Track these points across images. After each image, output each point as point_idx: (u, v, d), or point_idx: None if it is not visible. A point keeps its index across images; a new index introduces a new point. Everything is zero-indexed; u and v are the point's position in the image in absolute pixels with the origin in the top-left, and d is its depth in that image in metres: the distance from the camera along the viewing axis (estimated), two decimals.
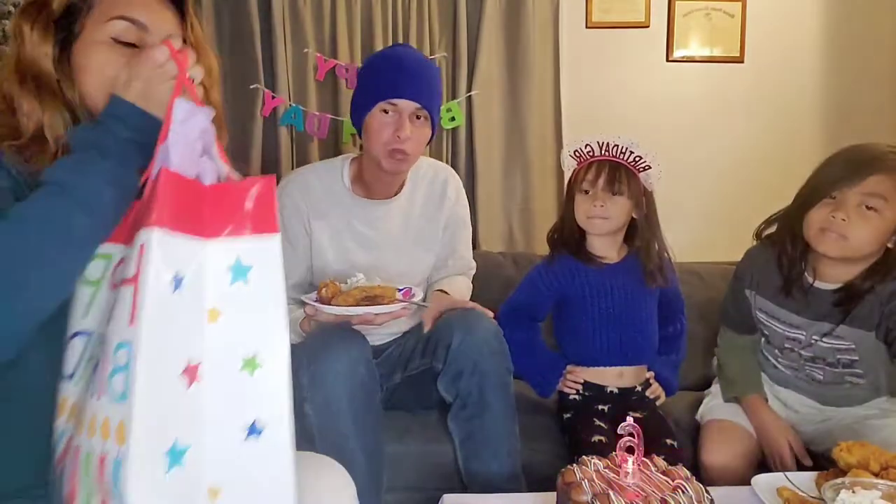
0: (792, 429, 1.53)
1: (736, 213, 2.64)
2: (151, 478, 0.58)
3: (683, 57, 2.64)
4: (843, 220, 1.33)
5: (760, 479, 1.21)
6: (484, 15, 2.46)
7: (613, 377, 1.66)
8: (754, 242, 1.59)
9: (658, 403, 1.67)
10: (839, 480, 1.10)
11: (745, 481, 1.25)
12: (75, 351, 0.71)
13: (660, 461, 1.09)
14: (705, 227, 2.65)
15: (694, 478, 1.06)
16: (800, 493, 1.15)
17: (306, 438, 1.43)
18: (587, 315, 1.66)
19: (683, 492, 1.00)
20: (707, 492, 1.04)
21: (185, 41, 0.89)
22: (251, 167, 2.37)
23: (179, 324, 0.63)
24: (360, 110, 1.59)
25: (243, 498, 0.62)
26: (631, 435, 1.05)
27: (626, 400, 1.64)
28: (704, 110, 2.66)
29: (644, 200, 1.63)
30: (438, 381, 1.53)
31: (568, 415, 1.65)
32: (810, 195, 1.41)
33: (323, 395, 1.40)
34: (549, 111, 2.55)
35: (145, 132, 0.77)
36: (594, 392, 1.65)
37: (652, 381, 1.69)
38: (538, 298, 1.71)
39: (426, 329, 1.60)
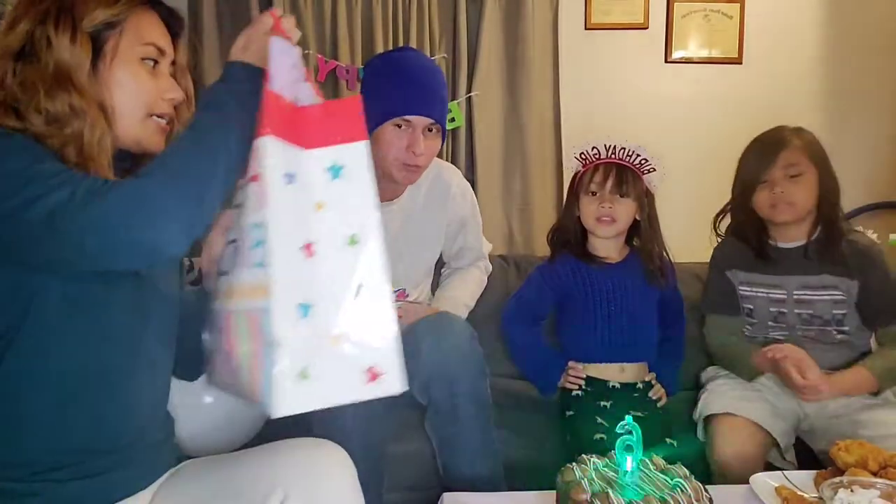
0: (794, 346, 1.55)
1: None
2: (291, 323, 0.75)
3: (682, 58, 2.64)
4: (783, 191, 1.59)
5: (759, 478, 1.21)
6: (484, 16, 2.46)
7: (615, 372, 1.68)
8: (711, 234, 1.80)
9: (660, 405, 1.68)
10: (837, 479, 1.10)
11: (758, 468, 1.37)
12: (233, 251, 0.87)
13: (659, 460, 1.10)
14: (703, 228, 2.64)
15: (693, 476, 1.06)
16: (798, 492, 1.15)
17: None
18: (589, 313, 1.69)
19: (682, 490, 1.01)
20: (706, 490, 1.05)
21: (174, 63, 1.02)
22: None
23: (295, 210, 0.80)
24: (369, 120, 1.58)
25: (359, 342, 0.78)
26: (630, 434, 1.05)
27: (628, 396, 1.65)
28: (703, 111, 2.67)
29: (646, 202, 1.68)
30: (412, 386, 1.52)
31: (570, 412, 1.65)
32: (746, 187, 1.65)
33: None
34: (549, 112, 2.56)
35: (253, 88, 0.91)
36: (596, 387, 1.66)
37: (654, 382, 1.70)
38: (540, 297, 1.75)
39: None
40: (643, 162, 1.65)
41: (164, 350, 1.04)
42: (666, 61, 2.65)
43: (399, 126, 1.55)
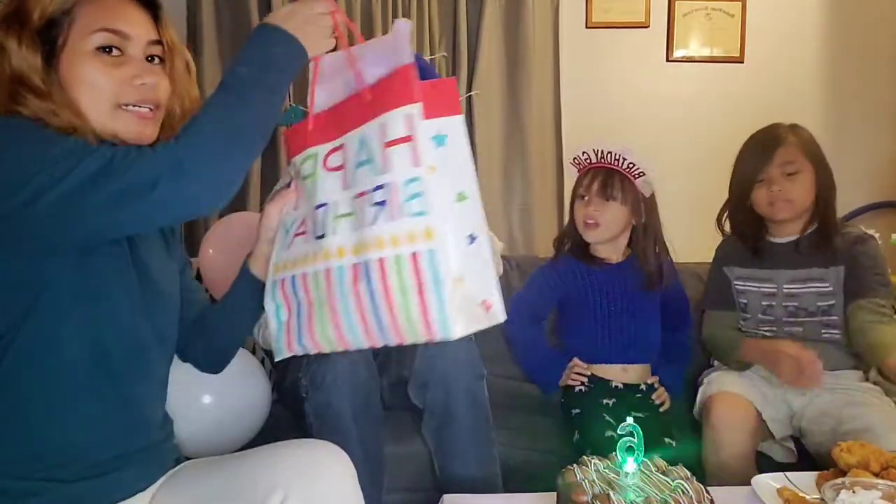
0: (791, 342, 1.58)
1: None
2: (453, 259, 0.86)
3: (683, 57, 2.64)
4: (780, 189, 1.61)
5: (760, 479, 1.21)
6: (484, 15, 2.46)
7: (618, 372, 1.69)
8: (716, 231, 1.81)
9: (662, 409, 1.68)
10: (839, 480, 1.10)
11: (751, 445, 1.47)
12: (322, 216, 0.95)
13: (660, 462, 1.10)
14: (704, 228, 2.64)
15: (694, 478, 1.06)
16: (800, 493, 1.15)
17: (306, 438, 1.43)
18: (590, 314, 1.71)
19: (683, 492, 1.00)
20: (707, 492, 1.04)
21: (161, 42, 0.95)
22: (251, 167, 2.37)
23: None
24: None
25: (473, 285, 0.88)
26: (631, 435, 1.05)
27: (631, 396, 1.66)
28: (704, 110, 2.66)
29: (642, 207, 1.69)
30: (408, 390, 1.52)
31: (576, 410, 1.65)
32: (743, 185, 1.66)
33: (323, 395, 1.40)
34: (549, 111, 2.56)
35: (289, 55, 0.91)
36: (599, 386, 1.67)
37: (657, 385, 1.71)
38: (542, 297, 1.77)
39: None
40: (631, 166, 1.65)
41: (164, 349, 1.04)
42: (667, 60, 2.64)
43: None
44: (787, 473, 1.23)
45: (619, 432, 1.06)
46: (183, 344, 1.13)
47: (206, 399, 1.43)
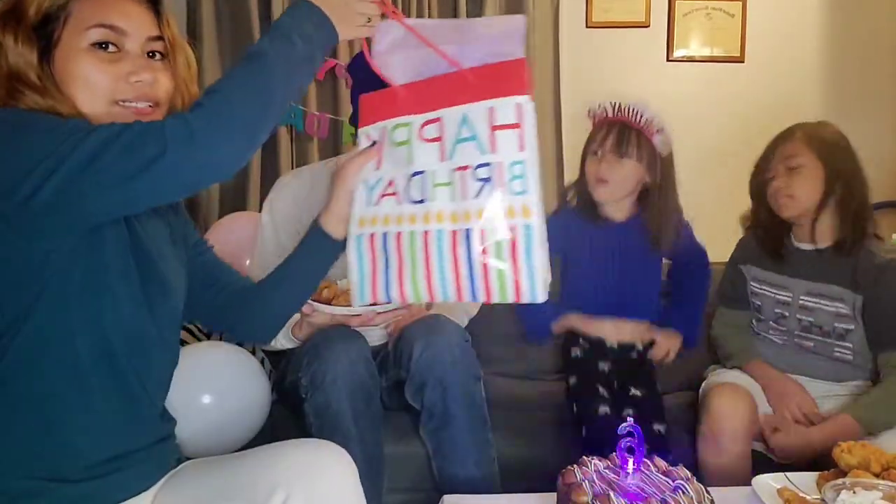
0: (802, 386, 1.57)
1: (736, 212, 2.64)
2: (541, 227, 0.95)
3: (683, 56, 2.64)
4: (780, 186, 1.58)
5: (761, 480, 1.21)
6: (484, 15, 2.46)
7: (611, 330, 1.67)
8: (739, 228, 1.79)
9: (669, 360, 1.65)
10: (840, 481, 1.10)
11: (749, 433, 1.47)
12: (420, 183, 1.01)
13: (660, 462, 1.09)
14: (705, 227, 2.64)
15: (694, 478, 1.06)
16: (800, 494, 1.15)
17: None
18: (585, 271, 1.69)
19: (684, 492, 1.00)
20: (707, 492, 1.04)
21: (162, 38, 0.94)
22: (251, 167, 2.37)
23: None
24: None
25: (544, 257, 0.95)
26: (631, 435, 1.05)
27: (627, 358, 1.66)
28: (705, 110, 2.66)
29: (658, 165, 1.62)
30: (405, 391, 1.52)
31: (573, 379, 1.64)
32: (757, 182, 1.66)
33: (323, 395, 1.40)
34: (549, 111, 2.56)
35: (320, 34, 0.91)
36: (594, 347, 1.66)
37: (658, 339, 1.68)
38: None
39: (390, 337, 1.61)
40: (648, 121, 1.59)
41: (165, 349, 1.04)
42: (667, 60, 2.65)
43: None
44: (788, 473, 1.23)
45: (619, 432, 1.05)
46: (231, 322, 1.16)
47: (206, 399, 1.42)
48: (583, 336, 1.69)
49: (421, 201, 1.01)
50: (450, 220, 0.99)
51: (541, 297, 0.95)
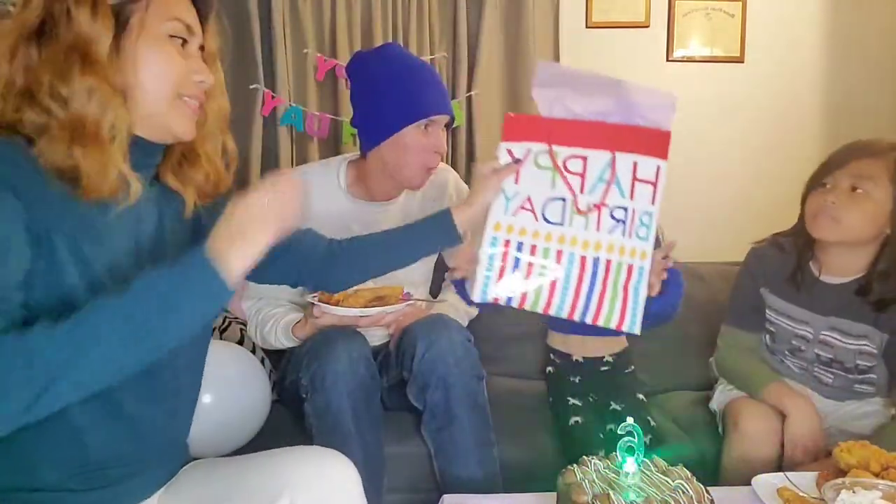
0: (818, 421, 1.43)
1: (736, 213, 2.64)
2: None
3: (683, 57, 2.64)
4: (833, 202, 1.38)
5: (761, 480, 1.21)
6: (484, 15, 2.46)
7: (577, 345, 1.68)
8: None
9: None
10: (839, 481, 1.10)
11: (777, 454, 1.42)
12: (560, 208, 1.18)
13: (660, 461, 1.09)
14: (706, 228, 2.65)
15: (694, 478, 1.06)
16: (800, 494, 1.15)
17: (306, 439, 1.43)
18: None
19: (684, 492, 1.00)
20: (707, 492, 1.04)
21: (203, 49, 0.95)
22: (251, 167, 2.37)
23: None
24: (387, 125, 1.55)
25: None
26: (630, 435, 1.05)
27: (595, 371, 1.67)
28: (704, 110, 2.66)
29: None
30: (407, 391, 1.52)
31: (551, 397, 1.69)
32: (807, 186, 1.47)
33: (323, 395, 1.40)
34: None
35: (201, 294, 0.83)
36: (563, 362, 1.70)
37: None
38: None
39: (391, 337, 1.62)
40: None
41: (191, 375, 1.04)
42: (667, 60, 2.64)
43: (425, 127, 1.55)
44: (788, 473, 1.23)
45: (619, 432, 1.06)
46: (318, 277, 1.23)
47: (206, 399, 1.42)
48: (553, 352, 1.72)
49: (559, 223, 1.17)
50: (582, 246, 1.17)
51: (637, 330, 1.15)
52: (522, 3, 2.47)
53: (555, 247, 1.16)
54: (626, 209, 1.17)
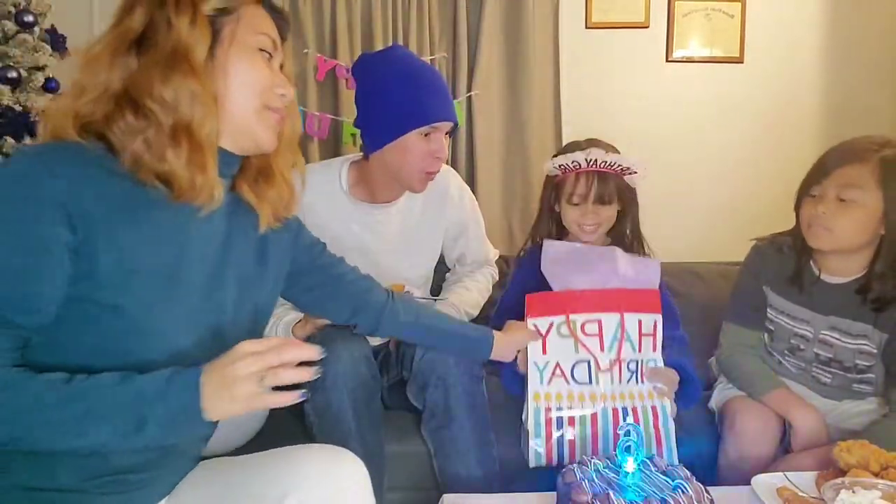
0: (826, 430, 1.44)
1: (736, 212, 2.65)
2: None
3: (683, 57, 2.64)
4: (824, 212, 1.38)
5: (760, 479, 1.21)
6: (484, 15, 2.46)
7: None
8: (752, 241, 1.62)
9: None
10: (839, 480, 1.10)
11: (773, 453, 1.45)
12: (585, 369, 1.40)
13: (660, 461, 1.10)
14: (705, 227, 2.65)
15: (694, 477, 1.06)
16: (800, 493, 1.15)
17: (307, 438, 1.43)
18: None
19: (683, 491, 1.01)
20: (707, 491, 1.04)
21: (282, 67, 1.00)
22: None
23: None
24: (390, 129, 1.55)
25: None
26: (628, 434, 1.05)
27: None
28: (704, 111, 2.66)
29: (627, 197, 1.58)
30: (407, 391, 1.52)
31: None
32: (798, 195, 1.47)
33: (324, 394, 1.40)
34: (549, 111, 2.56)
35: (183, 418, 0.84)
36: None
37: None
38: (519, 301, 1.59)
39: (391, 339, 1.62)
40: (625, 169, 1.53)
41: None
42: (667, 60, 2.64)
43: (427, 135, 1.55)
44: (787, 473, 1.23)
45: (619, 431, 1.06)
46: (370, 324, 1.32)
47: None
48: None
49: (587, 383, 1.37)
50: (610, 399, 1.37)
51: (675, 459, 1.34)
52: (522, 3, 2.48)
53: (588, 405, 1.37)
54: (637, 361, 1.38)
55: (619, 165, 1.51)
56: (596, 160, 1.50)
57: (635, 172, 1.53)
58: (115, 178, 0.86)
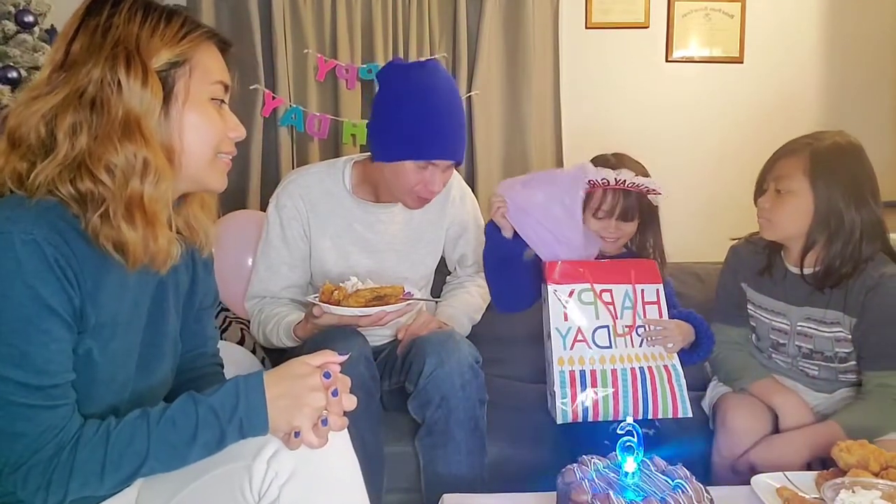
0: (810, 414, 1.47)
1: (735, 213, 2.64)
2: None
3: (683, 57, 2.64)
4: (765, 205, 1.49)
5: (760, 480, 1.21)
6: (484, 15, 2.46)
7: None
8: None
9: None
10: (839, 480, 1.10)
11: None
12: (605, 334, 1.46)
13: (660, 461, 1.10)
14: (704, 228, 2.65)
15: (694, 477, 1.06)
16: (800, 493, 1.15)
17: None
18: None
19: (683, 491, 1.01)
20: (707, 491, 1.04)
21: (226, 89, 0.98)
22: (251, 167, 2.37)
23: None
24: (389, 150, 1.55)
25: None
26: (630, 434, 1.05)
27: None
28: (704, 111, 2.67)
29: (647, 211, 1.58)
30: (409, 403, 1.51)
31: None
32: (754, 194, 1.57)
33: None
34: (549, 111, 2.56)
35: (250, 424, 0.89)
36: None
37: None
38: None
39: (400, 345, 1.60)
40: (650, 189, 1.53)
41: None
42: (667, 61, 2.64)
43: (424, 165, 1.54)
44: (787, 473, 1.23)
45: (618, 431, 1.06)
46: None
47: None
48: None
49: (608, 346, 1.45)
50: (628, 360, 1.45)
51: (689, 413, 1.43)
52: (522, 3, 2.48)
53: (609, 367, 1.44)
54: (643, 327, 1.46)
55: (646, 186, 1.52)
56: (625, 181, 1.50)
57: (660, 193, 1.55)
58: (83, 240, 0.85)
